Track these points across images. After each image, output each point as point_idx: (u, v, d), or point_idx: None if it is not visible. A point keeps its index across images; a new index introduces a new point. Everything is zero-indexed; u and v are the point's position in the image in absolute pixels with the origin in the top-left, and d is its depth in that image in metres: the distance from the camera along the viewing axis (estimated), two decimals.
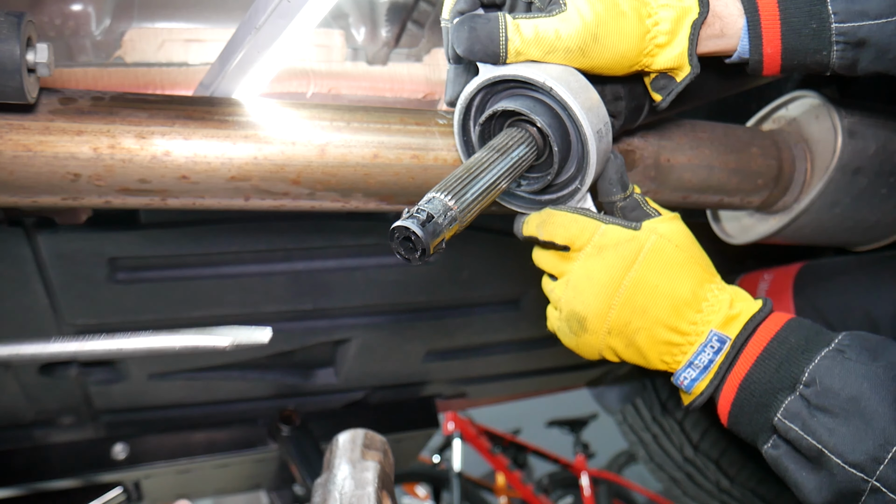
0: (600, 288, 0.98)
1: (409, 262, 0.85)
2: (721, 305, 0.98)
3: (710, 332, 0.97)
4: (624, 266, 0.98)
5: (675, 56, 1.03)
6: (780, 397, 0.92)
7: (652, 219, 1.01)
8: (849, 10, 1.02)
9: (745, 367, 0.96)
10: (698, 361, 0.98)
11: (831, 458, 0.87)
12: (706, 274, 0.99)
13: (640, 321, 0.98)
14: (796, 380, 0.92)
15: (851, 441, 0.87)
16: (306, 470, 2.36)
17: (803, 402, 0.91)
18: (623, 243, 0.98)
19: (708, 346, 0.97)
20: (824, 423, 0.88)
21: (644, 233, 0.99)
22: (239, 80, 1.24)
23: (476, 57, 1.00)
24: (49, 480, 2.31)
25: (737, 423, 0.98)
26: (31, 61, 0.99)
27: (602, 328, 1.00)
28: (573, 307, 1.01)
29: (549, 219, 1.04)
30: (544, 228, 1.04)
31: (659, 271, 0.98)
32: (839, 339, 0.94)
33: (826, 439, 0.88)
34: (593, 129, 0.97)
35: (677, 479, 3.09)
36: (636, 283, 0.97)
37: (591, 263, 0.99)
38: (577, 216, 1.01)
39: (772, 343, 0.95)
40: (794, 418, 0.91)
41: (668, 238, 0.99)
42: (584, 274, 0.99)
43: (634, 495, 6.11)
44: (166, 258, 1.84)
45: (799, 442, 0.90)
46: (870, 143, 1.53)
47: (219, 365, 2.28)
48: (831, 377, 0.90)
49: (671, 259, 0.98)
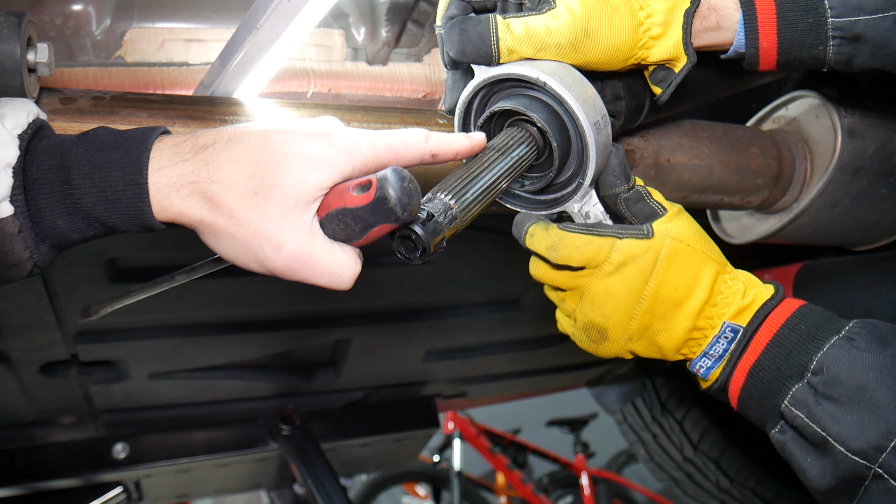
0: (621, 301, 0.98)
1: (410, 262, 0.85)
2: (735, 297, 0.98)
3: (724, 324, 0.98)
4: (643, 279, 0.97)
5: (671, 46, 1.03)
6: (788, 384, 0.93)
7: (660, 219, 1.00)
8: (845, 4, 1.02)
9: (755, 354, 0.97)
10: (713, 351, 0.99)
11: (835, 445, 0.88)
12: (718, 265, 1.00)
13: (660, 324, 0.99)
14: (804, 368, 0.93)
15: (855, 429, 0.87)
16: (306, 469, 2.36)
17: (810, 390, 0.91)
18: (640, 256, 0.97)
19: (722, 336, 0.98)
20: (829, 411, 0.89)
21: (658, 239, 0.98)
22: (239, 79, 1.24)
23: (469, 59, 1.01)
24: (49, 480, 2.31)
25: (746, 408, 0.99)
26: (31, 61, 0.99)
27: (623, 336, 1.01)
28: (591, 319, 1.01)
29: (561, 242, 0.99)
30: (557, 252, 1.00)
31: (676, 275, 0.98)
32: (850, 326, 0.94)
33: (830, 427, 0.89)
34: (590, 121, 0.97)
35: (677, 478, 3.09)
36: (656, 291, 0.98)
37: (610, 280, 0.98)
38: (591, 238, 0.98)
39: (782, 330, 0.96)
40: (800, 406, 0.92)
41: (679, 239, 0.99)
42: (602, 290, 0.98)
43: (634, 495, 6.11)
44: (166, 258, 1.85)
45: (804, 429, 0.91)
46: (870, 143, 1.53)
47: (219, 364, 2.28)
48: (839, 366, 0.90)
49: (687, 261, 0.98)
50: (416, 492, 6.10)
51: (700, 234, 1.02)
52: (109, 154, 0.82)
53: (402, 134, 0.88)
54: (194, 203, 0.82)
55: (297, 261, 0.83)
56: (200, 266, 0.99)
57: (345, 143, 0.84)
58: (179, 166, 0.82)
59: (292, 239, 0.82)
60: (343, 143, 0.84)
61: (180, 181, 0.81)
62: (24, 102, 0.85)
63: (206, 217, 0.82)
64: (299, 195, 0.82)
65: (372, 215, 0.81)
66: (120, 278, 1.83)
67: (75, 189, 0.81)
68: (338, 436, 2.58)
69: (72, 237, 0.85)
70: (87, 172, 0.81)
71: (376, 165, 0.85)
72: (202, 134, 0.85)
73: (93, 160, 0.82)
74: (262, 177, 0.81)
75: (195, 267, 0.99)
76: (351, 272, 0.86)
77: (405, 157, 0.88)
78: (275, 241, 0.82)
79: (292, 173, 0.81)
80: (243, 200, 0.81)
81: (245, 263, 0.85)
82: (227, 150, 0.82)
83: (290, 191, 0.81)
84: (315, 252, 0.83)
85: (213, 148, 0.82)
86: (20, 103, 0.84)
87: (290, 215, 0.82)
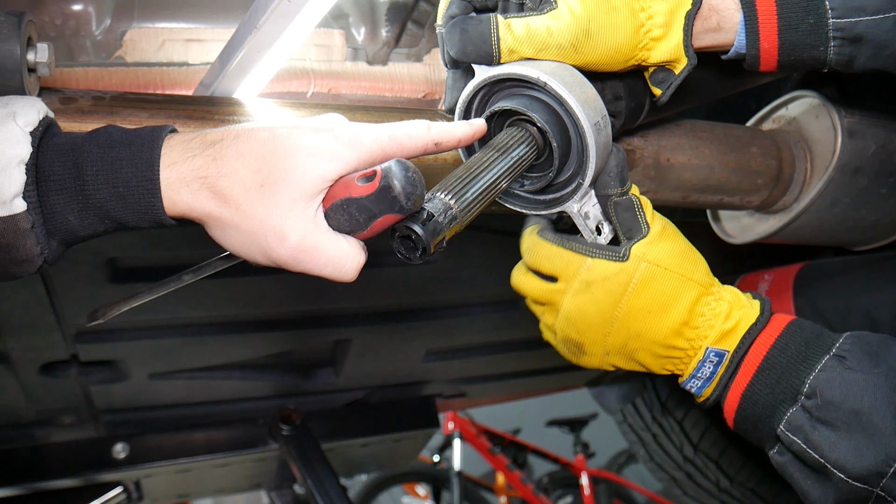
0: (592, 320, 0.99)
1: (410, 261, 0.85)
2: (717, 319, 0.97)
3: (707, 349, 0.97)
4: (613, 300, 0.97)
5: (672, 48, 1.03)
6: (783, 409, 0.93)
7: (642, 240, 0.99)
8: (846, 5, 1.02)
9: (746, 379, 0.96)
10: (700, 374, 0.99)
11: (835, 472, 0.88)
12: (701, 288, 0.99)
13: (636, 343, 0.99)
14: (797, 391, 0.92)
15: (853, 456, 0.87)
16: (306, 469, 2.36)
17: (805, 415, 0.91)
18: (611, 277, 0.97)
19: (707, 361, 0.98)
20: (826, 437, 0.89)
21: (632, 263, 0.97)
22: (239, 79, 1.24)
23: (470, 58, 1.01)
24: (49, 480, 2.31)
25: (743, 430, 1.00)
26: (31, 61, 0.99)
27: (600, 351, 1.01)
28: (568, 334, 1.02)
29: (533, 247, 1.02)
30: (529, 256, 1.03)
31: (650, 299, 0.97)
32: (840, 342, 0.94)
33: (828, 454, 0.88)
34: (590, 121, 0.97)
35: (677, 478, 3.09)
36: (628, 313, 0.97)
37: (580, 299, 0.99)
38: (561, 250, 1.00)
39: (771, 352, 0.95)
40: (796, 431, 0.91)
41: (657, 263, 0.98)
42: (574, 308, 0.99)
43: (634, 495, 6.11)
44: (166, 258, 1.85)
45: (803, 455, 0.91)
46: (870, 143, 1.53)
47: (219, 364, 2.28)
48: (832, 389, 0.90)
49: (662, 285, 0.97)
50: (416, 492, 6.10)
51: (682, 256, 1.00)
52: (121, 151, 0.83)
53: (404, 125, 0.89)
54: (203, 197, 0.83)
55: (301, 251, 0.83)
56: (208, 265, 0.99)
57: (349, 136, 0.85)
58: (189, 162, 0.82)
59: (296, 229, 0.83)
60: (347, 136, 0.85)
61: (190, 176, 0.82)
62: (33, 100, 0.85)
63: (213, 210, 0.83)
64: (304, 186, 0.82)
65: (376, 205, 0.82)
66: (120, 278, 1.83)
67: (87, 185, 0.82)
68: (338, 436, 2.58)
69: (81, 233, 0.86)
70: (100, 169, 0.82)
71: (381, 157, 0.86)
72: (211, 131, 0.85)
73: (104, 157, 0.82)
74: (269, 170, 0.82)
75: (202, 266, 0.99)
76: (355, 263, 0.86)
77: (409, 148, 0.88)
78: (279, 231, 0.82)
79: (298, 165, 0.82)
80: (249, 193, 0.82)
81: (251, 256, 0.86)
82: (235, 146, 0.83)
83: (296, 182, 0.82)
84: (319, 242, 0.83)
85: (222, 144, 0.83)
86: (30, 101, 0.85)
87: (295, 206, 0.82)
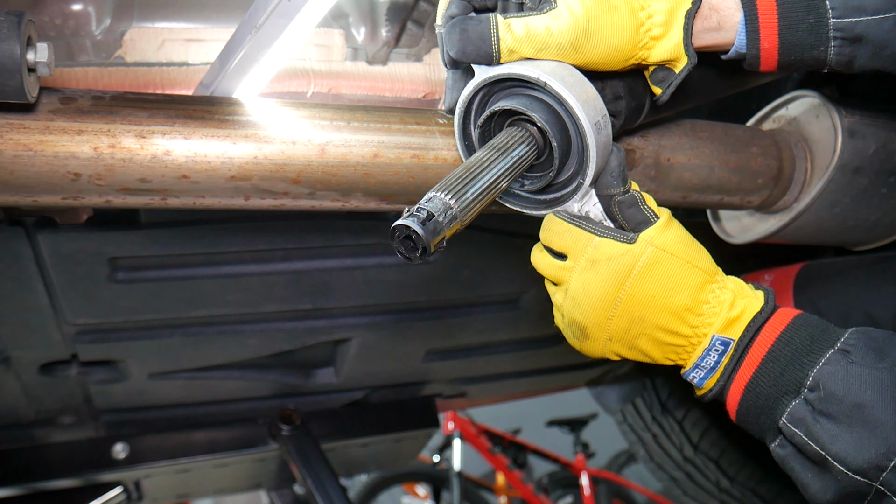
0: (596, 301, 0.99)
1: (410, 261, 0.85)
2: (722, 307, 0.98)
3: (713, 336, 0.97)
4: (618, 281, 0.98)
5: (672, 47, 1.03)
6: (785, 401, 0.93)
7: (648, 228, 1.00)
8: (846, 5, 1.02)
9: (750, 370, 0.96)
10: (704, 363, 0.99)
11: (835, 464, 0.88)
12: (706, 276, 0.99)
13: (638, 328, 0.99)
14: (801, 384, 0.92)
15: (854, 449, 0.87)
16: (306, 469, 2.36)
17: (807, 407, 0.91)
18: (616, 258, 0.98)
19: (712, 349, 0.98)
20: (828, 430, 0.89)
21: (639, 246, 0.98)
22: (239, 79, 1.24)
23: (469, 58, 1.01)
24: (49, 480, 2.32)
25: (745, 422, 0.99)
26: (31, 61, 0.99)
27: (602, 336, 1.01)
28: (573, 316, 1.02)
29: (546, 224, 1.05)
30: (543, 232, 1.05)
31: (655, 283, 0.98)
32: (845, 337, 0.94)
33: (829, 446, 0.88)
34: (591, 121, 0.97)
35: (677, 478, 3.09)
36: (631, 295, 0.98)
37: (586, 277, 0.99)
38: (571, 227, 1.01)
39: (776, 344, 0.95)
40: (798, 423, 0.91)
41: (664, 248, 0.98)
42: (580, 287, 1.00)
43: (634, 495, 6.11)
44: (167, 258, 1.85)
45: (804, 447, 0.91)
46: (870, 143, 1.53)
47: (219, 364, 2.28)
48: (835, 382, 0.90)
49: (668, 269, 0.98)
50: (416, 492, 6.10)
51: (687, 244, 1.01)
52: None
53: None
54: None
55: None
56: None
57: None
58: None
59: None
60: None
61: None
62: None
63: None
64: None
65: None
66: (120, 278, 1.83)
67: None
68: (338, 436, 2.58)
69: None
70: None
71: None
72: None
73: None
74: None
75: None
76: None
77: None
78: None
79: None
80: None
81: None
82: None
83: None
84: None
85: None
86: None
87: None
